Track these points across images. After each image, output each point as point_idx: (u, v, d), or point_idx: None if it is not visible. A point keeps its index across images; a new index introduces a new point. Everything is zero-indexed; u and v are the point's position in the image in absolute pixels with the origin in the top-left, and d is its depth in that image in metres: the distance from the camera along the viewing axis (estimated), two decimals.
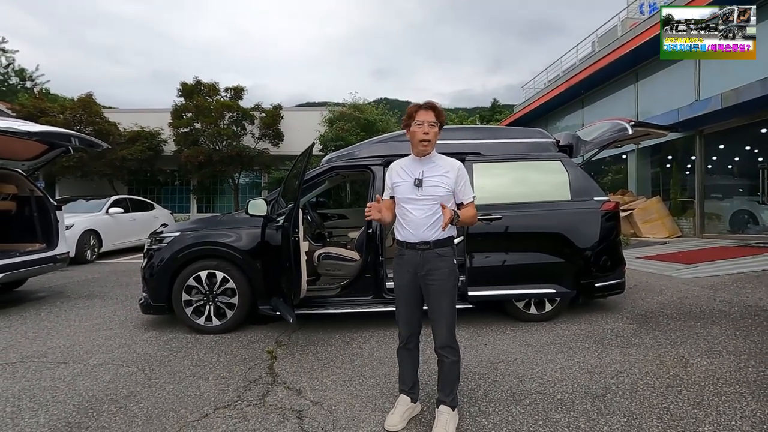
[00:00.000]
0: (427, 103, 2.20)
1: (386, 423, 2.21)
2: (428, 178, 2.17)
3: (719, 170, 10.32)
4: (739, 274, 5.67)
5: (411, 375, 2.32)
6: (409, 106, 2.27)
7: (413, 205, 2.17)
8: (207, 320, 3.78)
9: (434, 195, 2.15)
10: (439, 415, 2.15)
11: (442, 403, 2.17)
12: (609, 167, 13.82)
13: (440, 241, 2.16)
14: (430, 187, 2.16)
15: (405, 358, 2.31)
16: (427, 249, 2.15)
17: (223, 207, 18.78)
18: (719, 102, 8.33)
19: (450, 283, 2.17)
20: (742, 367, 2.82)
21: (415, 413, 2.33)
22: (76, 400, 2.55)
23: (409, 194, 2.18)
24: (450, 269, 2.17)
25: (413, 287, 2.21)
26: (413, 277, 2.19)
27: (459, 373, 2.23)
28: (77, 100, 15.77)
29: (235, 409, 2.42)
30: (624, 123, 4.24)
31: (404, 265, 2.21)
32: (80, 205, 9.40)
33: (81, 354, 3.32)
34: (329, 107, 16.77)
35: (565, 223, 3.91)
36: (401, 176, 2.24)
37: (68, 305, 4.94)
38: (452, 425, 2.12)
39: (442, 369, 2.20)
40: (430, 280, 2.15)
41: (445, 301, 2.16)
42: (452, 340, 2.17)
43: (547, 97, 15.74)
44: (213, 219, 4.22)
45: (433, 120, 2.16)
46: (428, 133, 2.14)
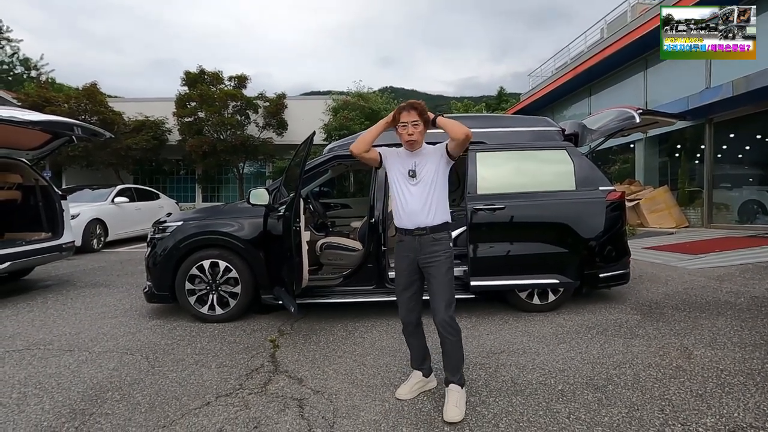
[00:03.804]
0: (409, 104, 2.32)
1: (397, 392, 2.42)
2: (420, 166, 2.33)
3: (729, 159, 10.15)
4: (747, 265, 5.60)
5: (419, 351, 2.47)
6: (396, 106, 2.38)
7: (409, 192, 2.31)
8: (210, 309, 3.80)
9: (427, 179, 2.30)
10: (449, 393, 2.27)
11: (451, 382, 2.30)
12: (616, 156, 13.64)
13: (436, 226, 2.29)
14: (423, 173, 2.31)
15: (410, 339, 2.46)
16: (424, 234, 2.29)
17: (228, 196, 18.85)
18: (730, 89, 8.15)
19: (446, 265, 2.30)
20: (747, 358, 2.79)
21: (429, 387, 2.48)
22: (80, 387, 2.58)
23: (404, 183, 2.33)
24: (446, 252, 2.31)
25: (413, 272, 2.34)
26: (412, 261, 2.33)
27: (462, 353, 2.33)
28: (82, 90, 15.79)
29: (236, 397, 2.44)
30: (632, 111, 4.16)
31: (403, 250, 2.36)
32: (86, 195, 9.47)
33: (86, 342, 3.36)
34: (333, 96, 16.66)
35: (569, 213, 3.86)
36: (398, 163, 2.37)
37: (74, 294, 5.00)
38: (462, 401, 2.24)
39: (444, 348, 2.31)
40: (428, 262, 2.29)
41: (442, 278, 2.28)
42: (450, 318, 2.27)
43: (554, 85, 15.50)
44: (215, 208, 4.23)
45: (416, 119, 2.28)
46: (413, 134, 2.29)
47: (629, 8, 13.69)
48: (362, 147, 2.36)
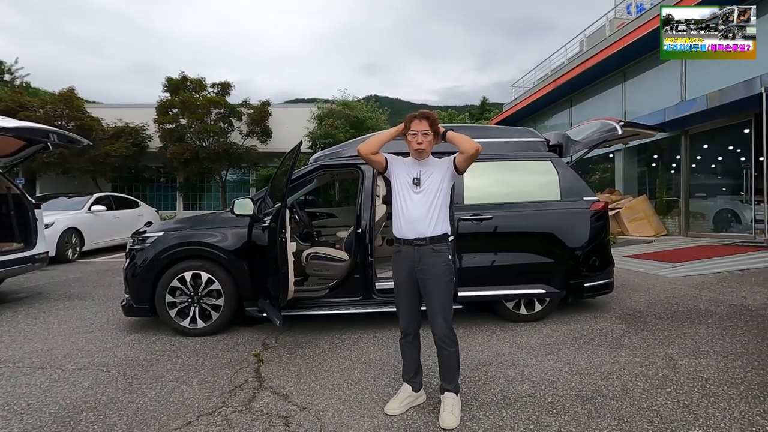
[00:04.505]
0: (421, 113, 2.35)
1: (386, 407, 2.38)
2: (425, 175, 2.34)
3: (703, 170, 10.49)
4: (724, 273, 5.75)
5: (413, 364, 2.44)
6: (407, 114, 2.40)
7: (411, 200, 2.32)
8: (192, 322, 3.68)
9: (430, 188, 2.31)
10: (445, 400, 2.29)
11: (446, 390, 2.31)
12: (596, 166, 13.95)
13: (436, 237, 2.28)
14: (427, 182, 2.32)
15: (406, 349, 2.44)
16: (423, 245, 2.27)
17: (210, 204, 18.51)
18: (705, 102, 8.45)
19: (446, 278, 2.28)
20: (730, 367, 2.84)
21: (418, 402, 2.44)
22: (52, 407, 2.45)
23: (407, 190, 2.34)
24: (445, 264, 2.29)
25: (411, 282, 2.33)
26: (411, 272, 2.31)
27: (458, 362, 2.34)
28: (58, 95, 15.35)
29: (219, 415, 2.35)
30: (614, 123, 4.25)
31: (402, 260, 2.34)
32: (61, 203, 9.13)
33: (59, 358, 3.21)
34: (318, 104, 16.61)
35: (554, 223, 3.90)
36: (403, 171, 2.38)
37: (47, 307, 4.79)
38: (457, 408, 2.27)
39: (441, 359, 2.32)
40: (427, 274, 2.27)
41: (441, 294, 2.27)
42: (449, 331, 2.28)
43: (536, 95, 15.82)
44: (198, 218, 4.12)
45: (426, 129, 2.30)
46: (422, 143, 2.31)
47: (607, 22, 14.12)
48: (372, 148, 2.37)
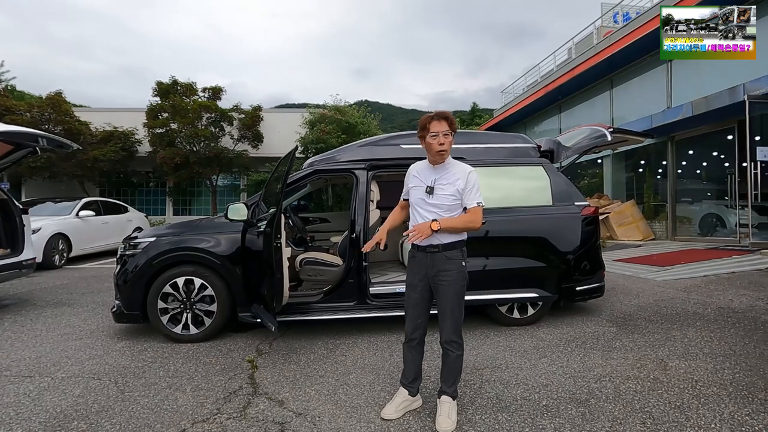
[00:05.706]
0: (440, 114, 2.28)
1: (382, 412, 2.38)
2: (439, 186, 2.28)
3: (689, 175, 10.70)
4: (710, 276, 5.86)
5: (413, 369, 2.43)
6: (421, 117, 2.35)
7: (424, 209, 2.30)
8: (184, 328, 3.64)
9: (443, 204, 2.27)
10: (441, 405, 2.28)
11: (444, 393, 2.30)
12: (585, 171, 14.14)
13: (449, 244, 2.27)
14: (440, 195, 2.28)
15: (408, 354, 2.43)
16: (436, 252, 2.27)
17: (200, 209, 18.34)
18: (690, 109, 8.64)
19: (458, 284, 2.27)
20: (719, 369, 2.89)
21: (414, 407, 2.44)
22: (42, 416, 2.40)
23: (421, 199, 2.32)
24: (458, 270, 2.27)
25: (424, 288, 2.34)
26: (424, 277, 2.32)
27: (461, 366, 2.35)
28: (45, 98, 15.14)
29: (214, 422, 2.33)
30: (603, 129, 4.32)
31: (416, 266, 2.35)
32: (48, 208, 9.00)
33: (48, 366, 3.15)
34: (310, 109, 16.61)
35: (546, 227, 3.94)
36: (416, 181, 2.37)
37: (35, 314, 4.70)
38: (454, 413, 2.26)
39: (446, 361, 2.33)
40: (440, 280, 2.27)
41: (452, 299, 2.26)
42: (457, 336, 2.29)
43: (526, 101, 16.02)
44: (190, 223, 4.09)
45: (447, 130, 2.25)
46: (444, 144, 2.24)
47: (595, 30, 14.38)
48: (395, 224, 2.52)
